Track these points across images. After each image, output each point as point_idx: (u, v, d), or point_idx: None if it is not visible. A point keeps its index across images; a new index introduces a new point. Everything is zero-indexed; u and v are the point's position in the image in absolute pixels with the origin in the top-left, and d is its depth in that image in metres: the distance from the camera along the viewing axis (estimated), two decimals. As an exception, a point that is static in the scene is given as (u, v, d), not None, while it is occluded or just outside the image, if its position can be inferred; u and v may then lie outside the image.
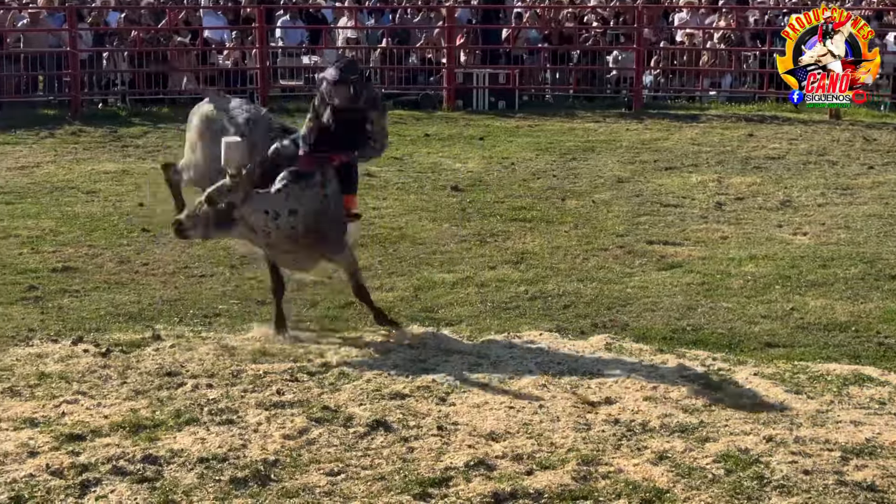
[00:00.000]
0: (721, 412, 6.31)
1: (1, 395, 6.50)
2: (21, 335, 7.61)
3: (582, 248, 10.01)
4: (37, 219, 11.03)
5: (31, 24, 18.59)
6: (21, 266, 9.35)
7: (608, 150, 15.08)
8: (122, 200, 11.90)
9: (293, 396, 6.51)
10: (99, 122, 17.12)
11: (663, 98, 19.77)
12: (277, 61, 19.86)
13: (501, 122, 17.61)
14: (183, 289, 8.80)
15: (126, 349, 7.30)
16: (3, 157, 14.43)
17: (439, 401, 6.49)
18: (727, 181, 13.00)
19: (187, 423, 6.10)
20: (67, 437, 5.88)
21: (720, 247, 10.08)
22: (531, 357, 7.22)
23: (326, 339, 7.57)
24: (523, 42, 19.94)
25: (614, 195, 12.23)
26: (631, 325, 7.94)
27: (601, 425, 6.14)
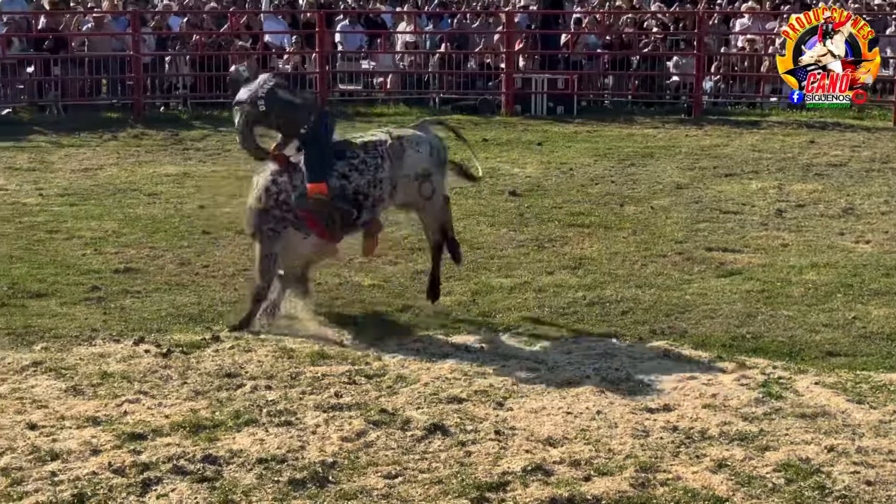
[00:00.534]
0: (782, 421, 6.25)
1: (64, 394, 6.59)
2: (84, 335, 7.72)
3: (640, 254, 9.96)
4: (100, 220, 11.18)
5: (96, 28, 18.87)
6: (84, 267, 9.48)
7: (667, 156, 15.00)
8: (182, 203, 12.03)
9: (351, 399, 6.54)
10: (161, 125, 17.33)
11: (723, 104, 19.61)
12: (337, 65, 19.97)
13: (560, 127, 17.57)
14: (242, 291, 8.86)
15: (186, 350, 7.38)
16: (67, 159, 14.65)
17: (497, 405, 6.49)
18: (788, 188, 12.88)
19: (246, 424, 6.14)
20: (129, 435, 5.95)
21: (781, 254, 9.99)
22: (589, 363, 7.20)
23: (384, 343, 7.60)
24: (582, 47, 19.89)
25: (673, 201, 12.16)
26: (690, 332, 7.88)
27: (659, 432, 6.10)
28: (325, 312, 8.19)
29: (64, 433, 6.00)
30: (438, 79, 19.80)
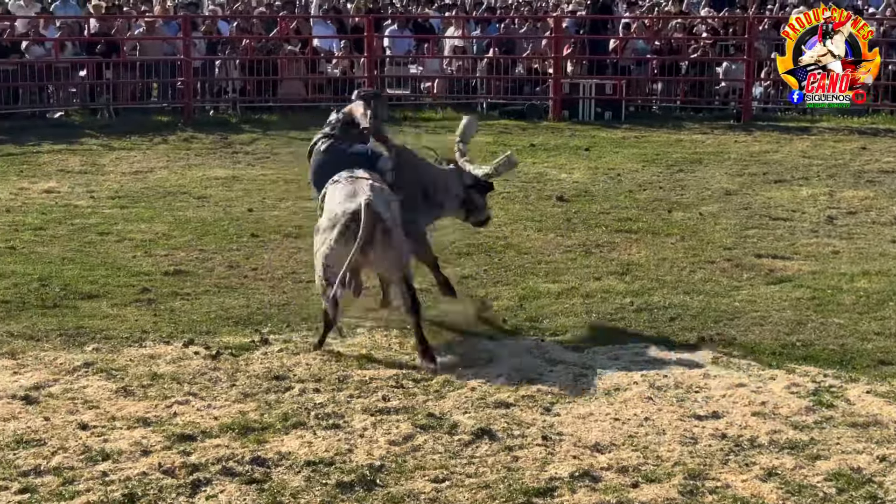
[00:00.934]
0: (833, 430, 6.19)
1: (115, 395, 6.65)
2: (134, 336, 7.79)
3: (689, 260, 9.90)
4: (150, 223, 11.28)
5: (147, 32, 19.06)
6: (135, 269, 9.57)
7: (716, 162, 14.91)
8: (231, 206, 12.11)
9: (398, 403, 6.55)
10: (210, 128, 17.47)
11: (773, 110, 19.47)
12: (385, 70, 20.03)
13: (607, 132, 17.52)
14: (291, 294, 8.92)
15: (235, 352, 7.43)
16: (118, 162, 14.81)
17: (544, 410, 6.48)
18: (839, 195, 12.76)
19: (294, 427, 6.17)
20: (179, 437, 6.00)
21: (831, 261, 9.89)
22: (637, 369, 7.17)
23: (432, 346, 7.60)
24: (631, 52, 19.82)
25: (722, 207, 12.08)
26: (739, 340, 7.82)
27: (708, 439, 6.07)
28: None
29: (115, 433, 6.06)
30: (486, 84, 19.81)
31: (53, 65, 18.16)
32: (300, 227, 11.08)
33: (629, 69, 19.72)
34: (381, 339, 7.79)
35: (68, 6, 21.43)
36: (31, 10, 20.33)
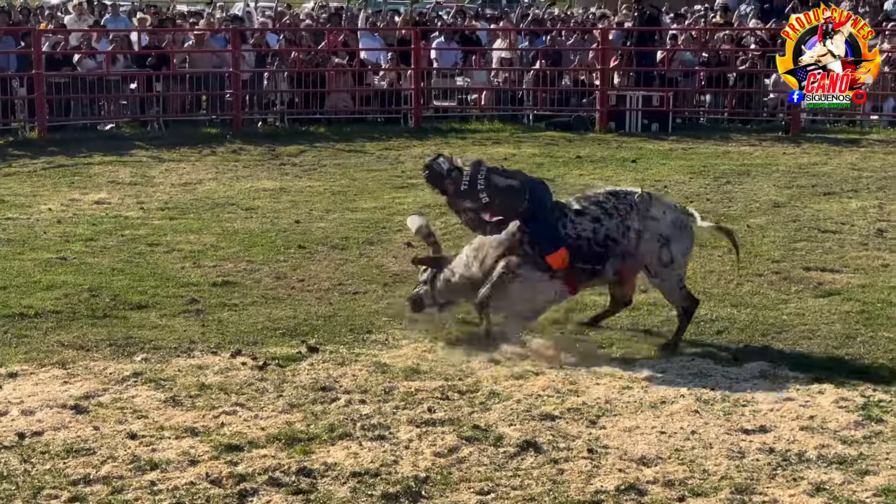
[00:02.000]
0: (882, 445, 6.13)
1: (164, 405, 6.72)
2: (183, 346, 7.86)
3: (736, 273, 9.83)
4: (198, 234, 11.38)
5: (196, 45, 19.24)
6: (183, 279, 9.66)
7: (764, 173, 14.81)
8: (279, 217, 12.20)
9: (444, 414, 6.56)
10: (258, 140, 17.60)
11: (822, 122, 19.32)
12: (432, 82, 20.09)
13: (654, 144, 17.46)
14: (337, 305, 8.96)
15: (282, 363, 7.47)
16: (167, 173, 14.95)
17: (590, 423, 6.46)
18: (889, 207, 12.64)
19: (340, 438, 6.20)
20: (226, 447, 6.05)
21: (881, 275, 9.80)
22: (683, 382, 7.14)
23: (478, 358, 7.62)
24: (678, 64, 19.75)
25: (770, 220, 12.00)
26: (787, 353, 7.77)
27: (755, 454, 6.03)
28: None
29: (163, 443, 6.12)
30: (532, 95, 19.82)
31: (105, 77, 18.38)
32: (346, 238, 11.16)
33: (676, 81, 19.65)
34: (427, 350, 7.81)
35: (119, 20, 21.69)
36: (83, 23, 20.59)
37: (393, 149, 16.97)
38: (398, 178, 14.68)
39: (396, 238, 11.18)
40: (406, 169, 15.30)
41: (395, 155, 16.48)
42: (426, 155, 16.29)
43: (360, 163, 15.86)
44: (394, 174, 14.96)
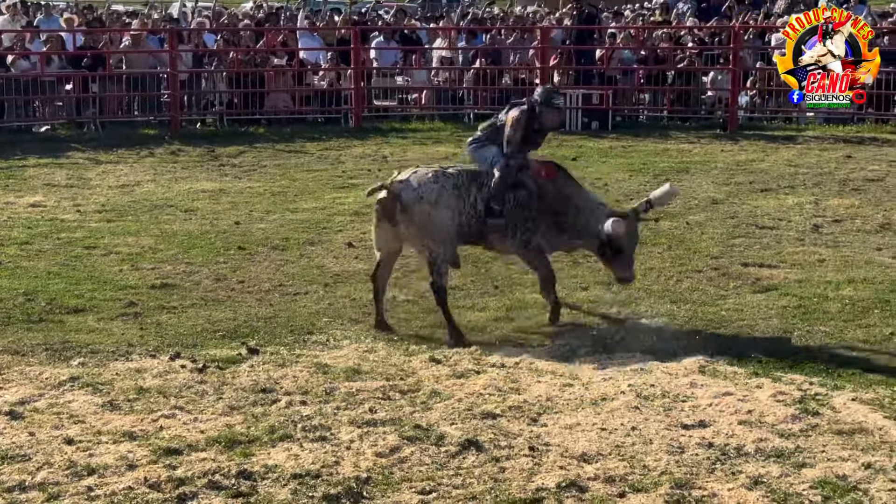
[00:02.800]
0: (818, 438, 6.20)
1: (101, 409, 6.63)
2: (121, 350, 7.78)
3: (676, 269, 9.92)
4: (136, 236, 11.27)
5: (133, 45, 19.05)
6: (121, 282, 9.56)
7: (703, 171, 14.94)
8: (218, 218, 12.10)
9: (385, 414, 6.54)
10: (197, 141, 17.46)
11: (759, 119, 19.53)
12: (372, 82, 20.04)
13: (595, 142, 17.55)
14: (278, 306, 8.92)
15: (222, 365, 7.41)
16: (105, 175, 14.79)
17: (531, 421, 6.47)
18: (825, 203, 12.80)
19: (281, 440, 6.16)
20: (165, 450, 5.98)
21: (817, 270, 9.92)
22: (624, 379, 7.17)
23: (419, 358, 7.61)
24: (617, 62, 19.86)
25: (709, 216, 12.10)
26: (725, 348, 7.84)
27: (695, 448, 6.07)
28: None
29: (100, 448, 6.04)
30: (473, 94, 19.83)
31: (39, 78, 18.14)
32: (287, 238, 11.10)
33: (616, 79, 19.77)
34: (368, 350, 7.79)
35: (53, 20, 21.42)
36: (16, 24, 20.30)
37: (333, 149, 16.91)
38: (339, 178, 14.63)
39: (337, 238, 11.14)
40: (347, 169, 15.26)
41: (335, 155, 16.43)
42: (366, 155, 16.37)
43: (300, 163, 15.79)
44: (334, 174, 14.91)
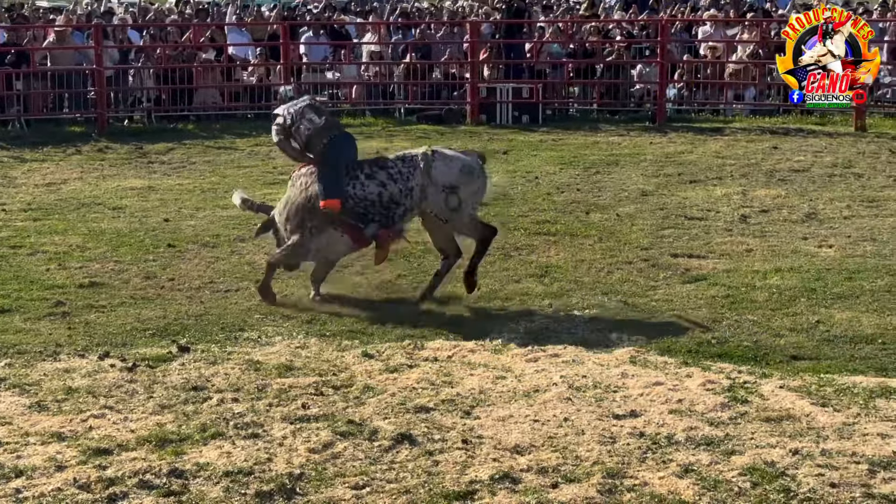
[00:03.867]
0: (747, 425, 6.28)
1: (29, 410, 6.54)
2: (48, 350, 7.67)
3: (606, 261, 10.00)
4: (63, 235, 11.11)
5: (58, 42, 18.76)
6: (48, 282, 9.42)
7: (632, 163, 15.07)
8: (147, 216, 11.98)
9: (318, 410, 6.52)
10: (125, 138, 17.27)
11: (687, 111, 19.73)
12: (301, 77, 19.95)
13: (525, 136, 17.62)
14: (209, 303, 8.85)
15: (152, 364, 7.34)
16: (30, 173, 14.56)
17: (464, 414, 6.49)
18: (752, 194, 12.97)
19: (213, 437, 6.12)
20: (94, 451, 5.91)
21: (745, 259, 10.05)
22: (556, 370, 7.21)
23: (351, 353, 7.59)
24: (546, 56, 19.96)
25: (638, 208, 12.21)
26: (655, 339, 7.91)
27: (626, 438, 6.13)
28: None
29: (28, 449, 5.96)
30: (403, 89, 19.82)
31: (-38, 76, 17.82)
32: (217, 235, 11.02)
33: (545, 73, 19.87)
34: (300, 346, 7.76)
35: (-25, 17, 21.06)
36: (-63, 20, 19.94)
37: (263, 145, 16.74)
38: (269, 174, 14.55)
39: (268, 235, 11.05)
40: (277, 165, 15.14)
41: (265, 151, 16.29)
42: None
43: (230, 159, 15.67)
44: (265, 170, 14.82)
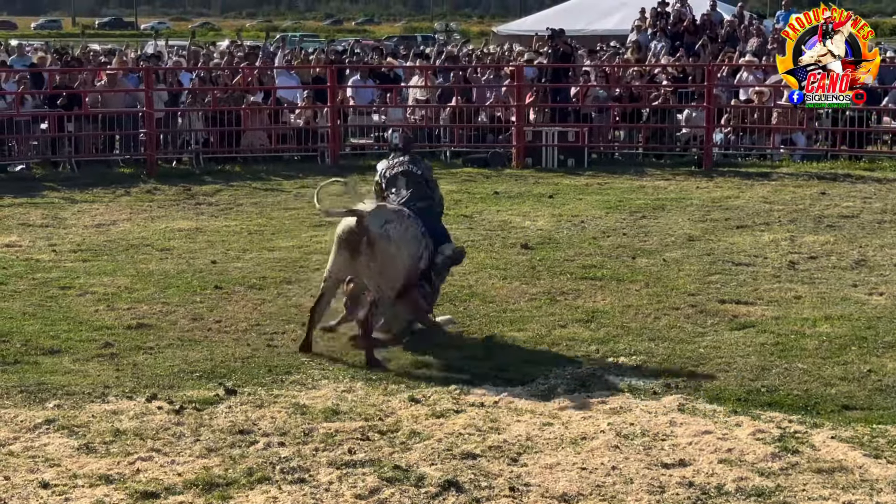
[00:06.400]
0: (798, 476, 6.20)
1: (77, 452, 6.57)
2: (97, 392, 7.70)
3: (653, 306, 9.93)
4: (112, 276, 11.20)
5: (109, 84, 19.02)
6: (97, 323, 9.49)
7: (678, 208, 15.01)
8: (195, 258, 12.06)
9: (364, 455, 6.50)
10: (173, 180, 17.43)
11: (734, 156, 19.66)
12: (348, 120, 20.08)
13: (571, 179, 17.62)
14: (255, 346, 8.87)
15: (199, 406, 7.35)
16: (80, 214, 14.72)
17: (511, 461, 6.45)
18: (800, 240, 12.87)
19: (259, 482, 6.11)
20: (142, 494, 5.92)
21: (794, 307, 9.95)
22: (603, 417, 7.16)
23: (398, 397, 7.57)
24: (592, 100, 19.98)
25: (685, 254, 12.14)
26: (704, 386, 7.84)
27: (675, 488, 6.06)
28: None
29: (76, 492, 5.98)
30: (449, 132, 19.89)
31: (14, 118, 18.08)
32: (264, 278, 11.06)
33: (591, 117, 19.88)
34: (347, 390, 7.75)
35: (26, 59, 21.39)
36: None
37: (310, 187, 16.84)
38: (316, 216, 14.58)
39: (314, 277, 11.09)
40: (323, 207, 15.22)
41: (312, 193, 16.38)
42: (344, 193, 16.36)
43: (277, 201, 15.78)
44: (311, 212, 14.85)
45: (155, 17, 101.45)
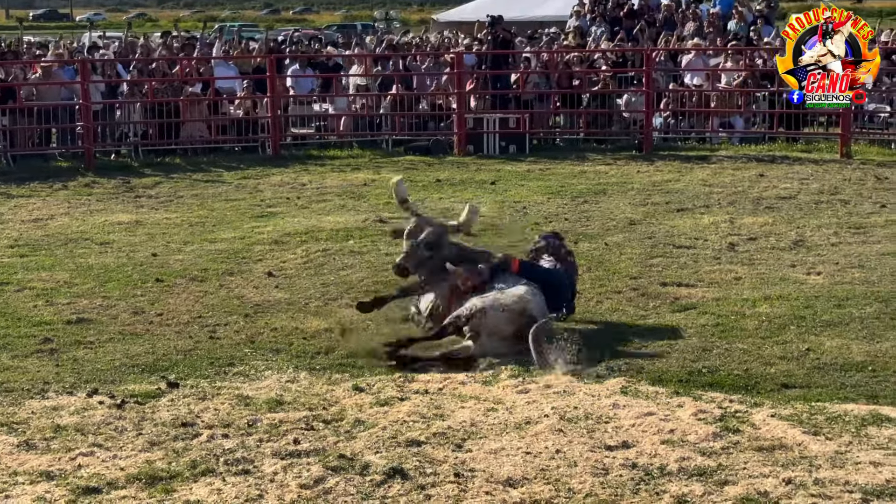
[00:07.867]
0: (739, 455, 6.26)
1: (17, 449, 6.48)
2: (36, 388, 7.61)
3: (595, 290, 9.99)
4: (51, 271, 11.07)
5: (44, 77, 18.76)
6: (36, 318, 9.37)
7: (620, 192, 15.10)
8: (135, 251, 11.94)
9: (309, 445, 6.48)
10: (112, 173, 17.26)
11: (673, 139, 19.81)
12: (289, 110, 19.97)
13: (512, 166, 17.66)
14: (197, 338, 8.81)
15: (141, 400, 7.29)
16: (17, 209, 14.53)
17: (455, 447, 6.46)
18: (739, 222, 13.00)
19: (203, 474, 6.07)
20: (83, 489, 5.86)
21: (734, 288, 10.06)
22: (547, 402, 7.19)
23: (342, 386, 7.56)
24: (532, 86, 20.03)
25: (626, 237, 12.22)
26: (646, 368, 7.90)
27: (619, 469, 6.10)
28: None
29: (16, 489, 5.91)
30: (390, 120, 19.86)
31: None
32: (205, 269, 10.99)
33: (531, 103, 19.93)
34: (290, 381, 7.72)
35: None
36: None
37: (251, 177, 16.81)
38: (257, 206, 14.54)
39: (257, 268, 11.06)
40: (265, 198, 15.17)
41: (253, 184, 16.33)
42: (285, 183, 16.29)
43: (217, 193, 15.66)
44: (253, 203, 14.81)
45: (90, 8, 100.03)
